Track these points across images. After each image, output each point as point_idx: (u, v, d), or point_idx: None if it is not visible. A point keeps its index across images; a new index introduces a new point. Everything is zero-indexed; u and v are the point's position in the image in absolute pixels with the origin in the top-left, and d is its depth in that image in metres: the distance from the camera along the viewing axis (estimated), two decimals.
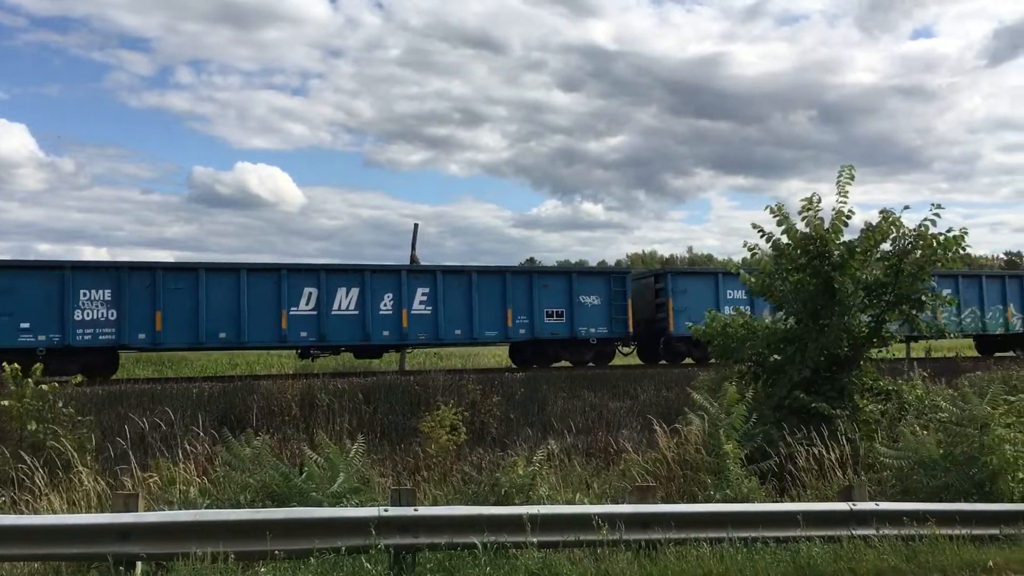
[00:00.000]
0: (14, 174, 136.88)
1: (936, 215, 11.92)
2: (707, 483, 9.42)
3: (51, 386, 11.39)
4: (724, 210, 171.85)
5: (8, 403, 11.01)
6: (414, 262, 22.61)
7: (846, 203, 12.04)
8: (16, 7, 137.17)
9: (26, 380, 11.18)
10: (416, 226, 24.13)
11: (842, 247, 11.99)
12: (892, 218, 12.07)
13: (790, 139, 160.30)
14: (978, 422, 9.50)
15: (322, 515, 7.21)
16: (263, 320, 18.93)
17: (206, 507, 8.13)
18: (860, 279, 11.96)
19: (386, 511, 7.12)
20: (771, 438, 10.77)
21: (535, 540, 7.12)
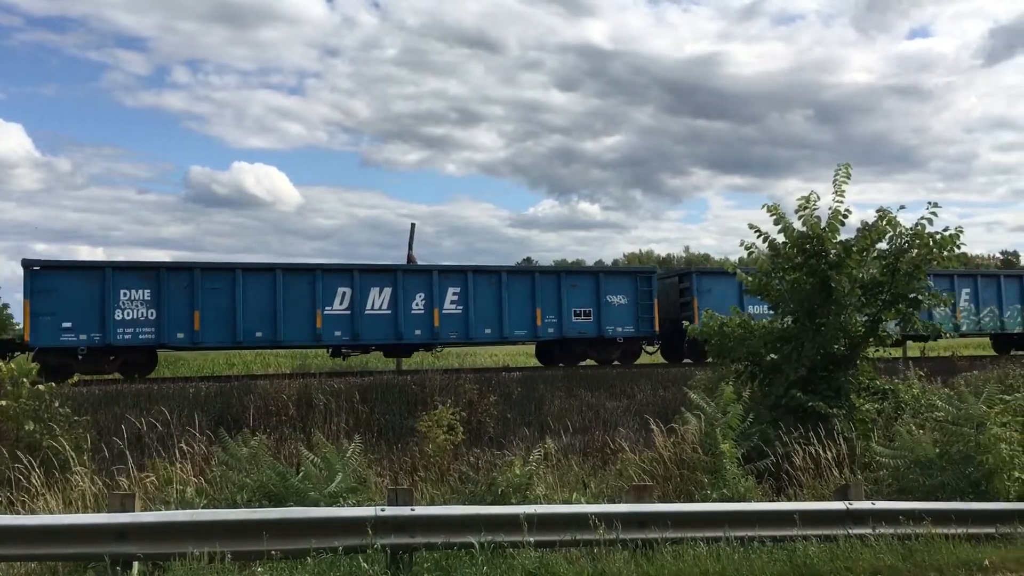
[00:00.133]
0: (10, 174, 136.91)
1: (933, 214, 11.89)
2: (704, 482, 9.42)
3: (47, 386, 11.38)
4: (721, 209, 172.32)
5: (5, 403, 10.98)
6: (411, 262, 22.60)
7: (843, 202, 12.06)
8: (12, 6, 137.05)
9: (22, 380, 11.15)
10: (413, 226, 24.19)
11: (839, 246, 11.98)
12: (889, 217, 12.05)
13: (787, 139, 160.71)
14: (974, 421, 9.51)
15: (319, 515, 7.20)
16: (298, 319, 19.21)
17: (203, 507, 8.13)
18: (857, 278, 11.94)
19: (383, 511, 7.12)
20: (768, 437, 10.78)
21: (532, 540, 7.12)
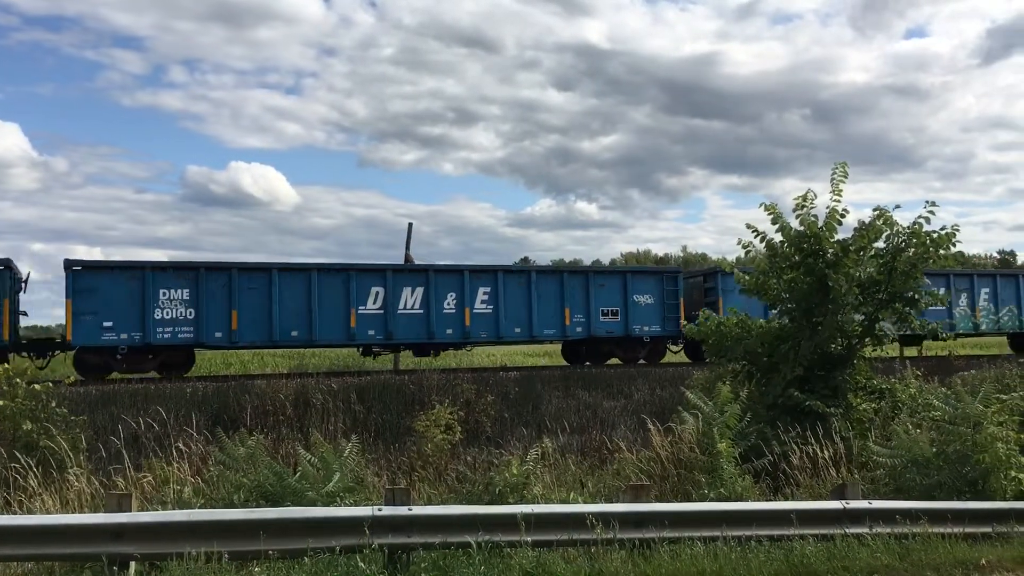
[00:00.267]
0: (7, 174, 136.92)
1: (931, 212, 11.85)
2: (701, 482, 9.43)
3: (43, 385, 11.35)
4: (718, 209, 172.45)
5: (2, 403, 10.96)
6: (408, 261, 22.62)
7: (840, 201, 12.04)
8: (9, 6, 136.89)
9: (17, 380, 11.12)
10: (410, 225, 24.25)
11: (836, 245, 11.96)
12: (885, 216, 12.05)
13: (784, 138, 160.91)
14: (971, 420, 9.51)
15: (316, 515, 7.20)
16: (333, 319, 19.45)
17: (200, 507, 8.13)
18: (854, 277, 11.92)
19: (380, 510, 7.12)
20: (765, 437, 10.78)
21: (529, 539, 7.12)
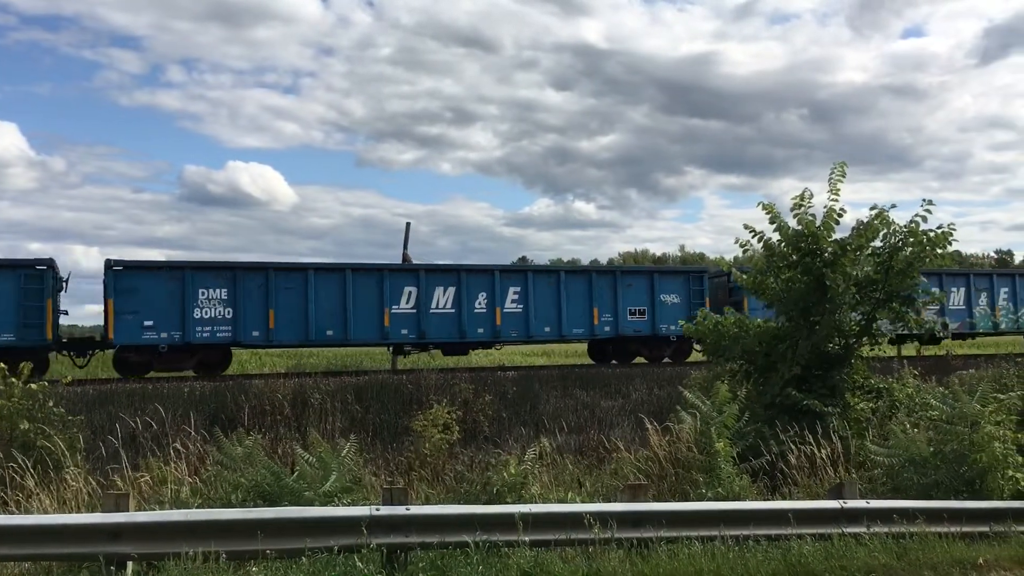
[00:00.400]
0: (5, 173, 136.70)
1: (927, 211, 11.79)
2: (699, 481, 9.42)
3: (40, 385, 11.32)
4: (716, 208, 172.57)
5: None
6: (406, 261, 22.61)
7: (838, 200, 12.04)
8: (6, 5, 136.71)
9: (13, 379, 11.09)
10: (408, 225, 24.22)
11: (834, 244, 11.97)
12: (883, 215, 12.06)
13: (782, 138, 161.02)
14: (968, 420, 9.52)
15: (314, 514, 7.20)
16: (367, 318, 19.74)
17: (197, 507, 8.12)
18: (851, 276, 11.93)
19: (378, 510, 7.12)
20: (763, 436, 10.77)
21: (527, 539, 7.12)
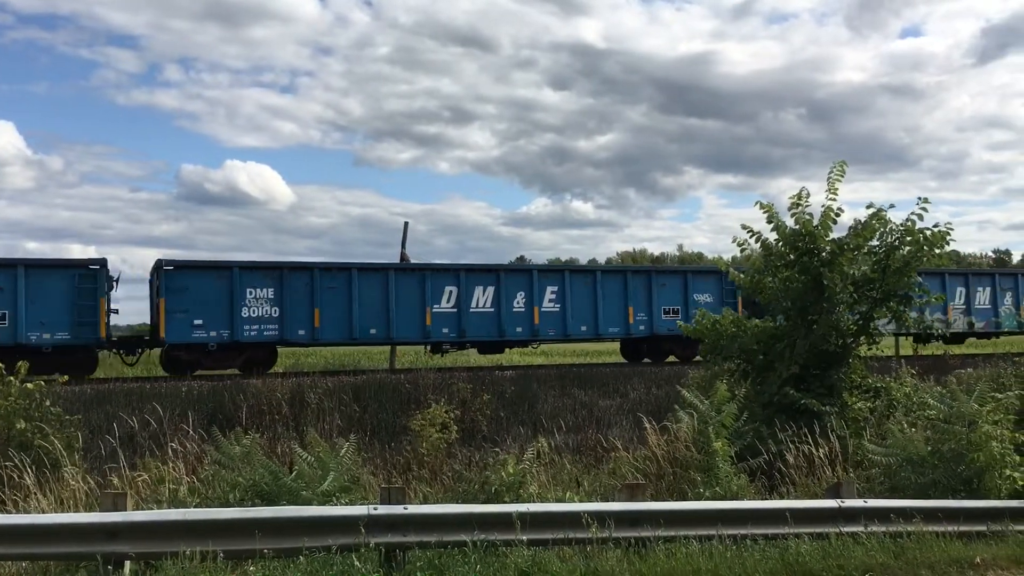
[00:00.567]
0: (2, 172, 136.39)
1: (923, 209, 11.80)
2: (697, 481, 9.43)
3: (36, 384, 11.30)
4: (714, 208, 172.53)
5: None
6: (404, 260, 22.60)
7: (835, 199, 12.04)
8: (3, 4, 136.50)
9: (10, 379, 11.07)
10: (406, 224, 24.15)
11: (831, 243, 11.97)
12: (880, 215, 12.06)
13: (780, 137, 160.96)
14: (966, 419, 9.52)
15: (312, 514, 7.19)
16: (409, 317, 20.10)
17: (195, 506, 8.11)
18: (849, 275, 11.93)
19: (376, 509, 7.11)
20: (761, 435, 10.77)
21: (525, 538, 7.12)
